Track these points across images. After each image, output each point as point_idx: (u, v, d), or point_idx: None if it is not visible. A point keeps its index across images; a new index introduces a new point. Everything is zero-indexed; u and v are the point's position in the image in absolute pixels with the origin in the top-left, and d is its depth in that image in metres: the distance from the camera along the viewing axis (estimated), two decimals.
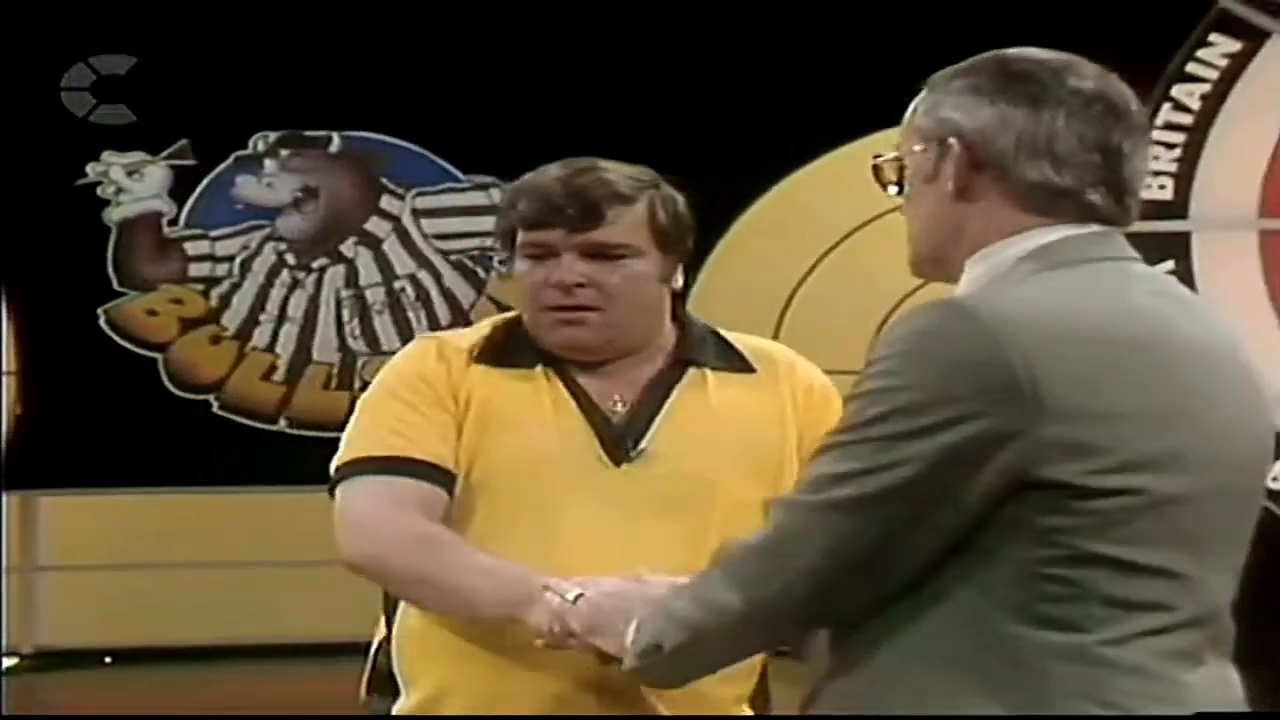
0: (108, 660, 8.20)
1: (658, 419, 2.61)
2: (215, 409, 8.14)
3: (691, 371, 2.64)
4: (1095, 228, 1.99)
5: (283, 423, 8.04)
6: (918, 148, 2.05)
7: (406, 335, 7.61)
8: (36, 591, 8.26)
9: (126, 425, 7.92)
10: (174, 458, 7.86)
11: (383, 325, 8.23)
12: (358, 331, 8.16)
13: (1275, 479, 6.95)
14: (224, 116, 8.13)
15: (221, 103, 8.06)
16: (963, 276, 2.01)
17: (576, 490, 2.55)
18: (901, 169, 2.08)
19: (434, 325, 7.99)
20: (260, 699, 7.24)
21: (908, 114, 2.09)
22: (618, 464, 2.57)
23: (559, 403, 2.60)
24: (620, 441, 2.58)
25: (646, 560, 2.39)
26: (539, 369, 2.62)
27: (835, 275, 7.81)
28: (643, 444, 2.58)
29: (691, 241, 2.67)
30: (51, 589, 8.29)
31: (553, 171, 2.63)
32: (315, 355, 8.13)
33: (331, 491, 2.61)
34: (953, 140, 2.01)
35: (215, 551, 8.00)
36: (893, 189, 2.09)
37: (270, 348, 8.19)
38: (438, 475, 2.55)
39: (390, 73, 7.93)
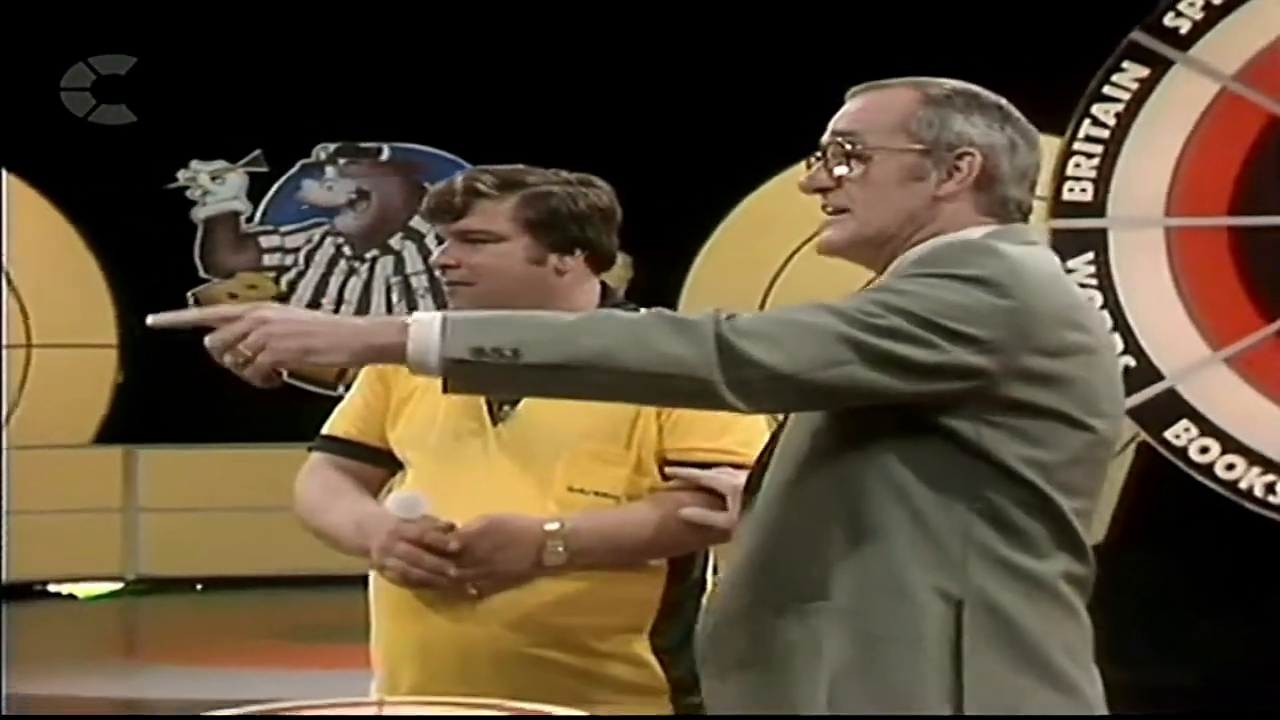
0: (198, 588, 8.80)
1: None
2: (285, 377, 8.87)
3: None
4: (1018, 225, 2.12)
5: (340, 389, 8.01)
6: (906, 146, 2.05)
7: None
8: (138, 529, 8.73)
9: (210, 390, 7.59)
10: (250, 418, 7.86)
11: (425, 307, 8.69)
12: (405, 312, 8.40)
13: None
14: (292, 130, 8.73)
15: (289, 118, 8.63)
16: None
17: (461, 448, 2.73)
18: (857, 155, 2.07)
19: None
20: (323, 620, 7.38)
21: (884, 109, 2.08)
22: (495, 424, 2.72)
23: None
24: (494, 405, 2.73)
25: (504, 507, 2.64)
26: None
27: (808, 267, 7.46)
28: (516, 407, 2.71)
29: (575, 229, 2.76)
30: (149, 527, 8.73)
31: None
32: None
33: None
34: (973, 153, 2.05)
35: (284, 496, 8.25)
36: (841, 169, 2.07)
37: None
38: (364, 451, 2.85)
39: (433, 92, 8.45)
